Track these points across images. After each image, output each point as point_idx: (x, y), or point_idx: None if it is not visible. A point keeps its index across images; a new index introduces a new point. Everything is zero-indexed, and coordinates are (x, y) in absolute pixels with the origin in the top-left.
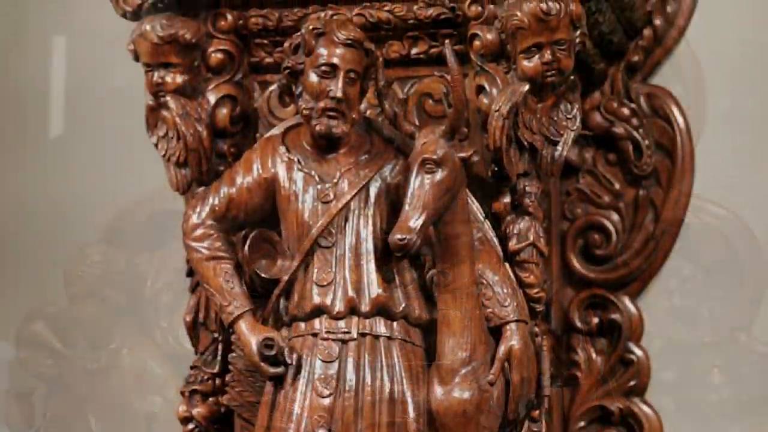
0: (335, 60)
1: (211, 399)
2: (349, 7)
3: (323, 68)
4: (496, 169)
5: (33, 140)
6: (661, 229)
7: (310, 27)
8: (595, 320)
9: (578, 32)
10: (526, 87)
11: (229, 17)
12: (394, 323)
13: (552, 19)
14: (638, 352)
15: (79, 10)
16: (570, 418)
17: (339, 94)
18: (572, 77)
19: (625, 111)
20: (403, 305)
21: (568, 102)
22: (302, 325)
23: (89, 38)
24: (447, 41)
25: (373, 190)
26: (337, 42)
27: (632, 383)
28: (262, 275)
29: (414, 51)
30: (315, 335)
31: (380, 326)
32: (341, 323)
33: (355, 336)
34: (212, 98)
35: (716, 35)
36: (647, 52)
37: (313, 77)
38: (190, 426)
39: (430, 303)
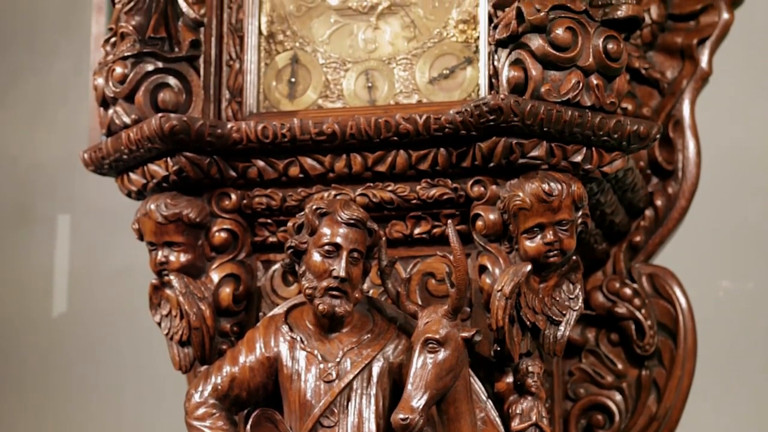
0: (338, 240)
1: None
2: (353, 187)
3: (326, 248)
4: (498, 348)
5: (36, 318)
6: (665, 410)
7: (314, 207)
8: None
9: (580, 213)
10: (528, 267)
11: (233, 197)
12: None
13: (554, 200)
14: None
15: (84, 189)
16: None
17: (342, 274)
18: (574, 257)
19: (628, 291)
20: None
21: (571, 282)
22: None
23: (94, 217)
24: (449, 221)
25: (375, 370)
26: (340, 222)
27: None
28: None
29: (417, 231)
30: None
31: None
32: None
33: None
34: (216, 277)
35: (718, 216)
36: (649, 233)
37: (317, 257)
38: None
39: None
